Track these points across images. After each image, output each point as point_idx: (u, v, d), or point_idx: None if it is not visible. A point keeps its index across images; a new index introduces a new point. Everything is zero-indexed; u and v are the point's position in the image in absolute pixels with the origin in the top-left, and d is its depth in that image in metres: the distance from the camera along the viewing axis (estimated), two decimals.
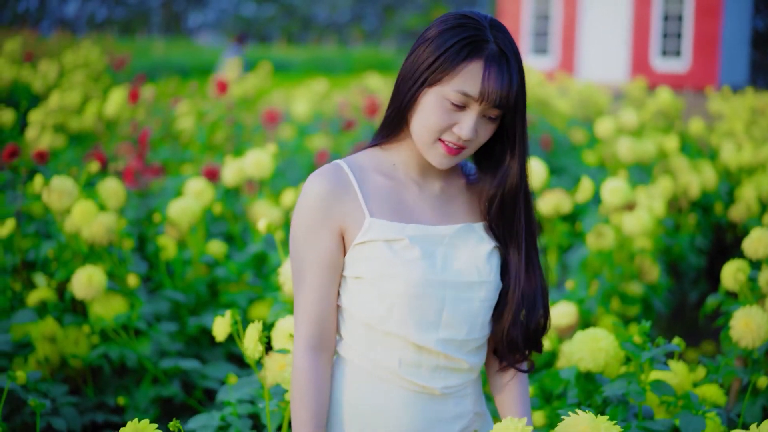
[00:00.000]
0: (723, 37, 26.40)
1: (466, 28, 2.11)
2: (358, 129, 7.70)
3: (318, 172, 2.19)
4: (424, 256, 2.15)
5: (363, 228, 2.15)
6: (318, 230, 2.14)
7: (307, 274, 2.17)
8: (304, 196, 2.17)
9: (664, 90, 9.39)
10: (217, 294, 4.45)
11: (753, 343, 3.33)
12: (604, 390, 2.72)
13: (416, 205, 2.22)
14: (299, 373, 2.16)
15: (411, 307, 2.14)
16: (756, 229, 3.95)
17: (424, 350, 2.17)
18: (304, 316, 2.18)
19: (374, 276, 2.14)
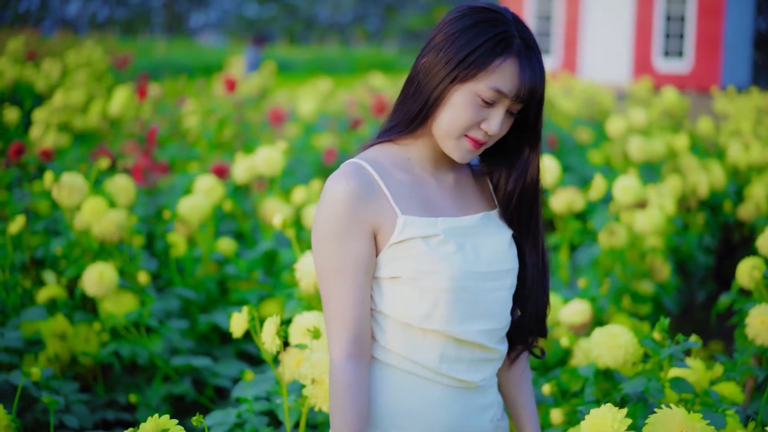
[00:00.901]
0: (725, 38, 26.39)
1: (494, 23, 2.08)
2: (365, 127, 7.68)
3: (340, 173, 2.11)
4: (458, 249, 2.13)
5: (397, 227, 2.10)
6: (350, 233, 2.07)
7: (340, 279, 2.09)
8: (330, 198, 2.09)
9: (670, 90, 9.38)
10: (227, 292, 4.44)
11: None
12: (623, 387, 2.70)
13: (437, 198, 2.20)
14: (340, 385, 2.07)
15: (454, 301, 2.12)
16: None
17: (464, 344, 2.15)
18: (341, 324, 2.10)
19: (413, 274, 2.09)
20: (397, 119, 2.19)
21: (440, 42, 2.11)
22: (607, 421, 1.84)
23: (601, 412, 1.85)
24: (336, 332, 2.10)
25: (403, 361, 2.14)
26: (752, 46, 30.18)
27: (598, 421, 1.85)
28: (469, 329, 2.14)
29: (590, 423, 1.86)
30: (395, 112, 2.21)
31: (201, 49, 33.86)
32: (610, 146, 7.85)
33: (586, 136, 9.36)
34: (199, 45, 38.30)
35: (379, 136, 2.23)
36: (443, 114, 2.10)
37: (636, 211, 4.72)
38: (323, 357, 2.34)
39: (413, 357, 2.13)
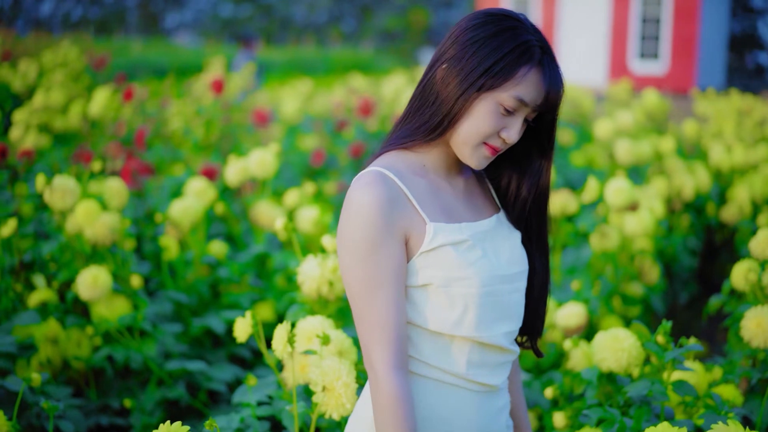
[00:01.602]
0: (700, 40, 26.55)
1: (518, 31, 2.08)
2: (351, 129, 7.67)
3: (365, 182, 2.06)
4: (484, 254, 2.13)
5: (428, 234, 2.07)
6: (385, 241, 2.03)
7: (379, 291, 2.04)
8: (360, 208, 2.03)
9: (651, 92, 9.42)
10: (219, 295, 4.41)
11: (765, 343, 3.32)
12: (627, 390, 2.70)
13: (454, 203, 2.19)
14: (390, 398, 2.01)
15: (483, 307, 2.11)
16: (763, 230, 3.96)
17: (488, 348, 2.15)
18: (384, 336, 2.04)
19: (444, 282, 2.07)
20: (413, 127, 2.16)
21: (462, 50, 2.09)
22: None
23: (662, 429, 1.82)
24: (378, 345, 2.04)
25: (430, 369, 2.13)
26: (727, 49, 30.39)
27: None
28: (494, 333, 2.15)
29: None
30: (410, 120, 2.18)
31: (177, 50, 33.72)
32: (593, 148, 7.87)
33: (568, 138, 9.39)
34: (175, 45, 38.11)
35: (392, 144, 2.20)
36: (465, 122, 2.09)
37: (626, 213, 4.74)
38: (334, 364, 2.33)
39: (441, 365, 2.12)
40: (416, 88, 2.19)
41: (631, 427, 2.61)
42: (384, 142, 2.24)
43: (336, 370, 2.32)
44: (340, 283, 2.91)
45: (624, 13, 26.64)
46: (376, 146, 7.39)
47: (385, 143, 2.23)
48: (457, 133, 2.11)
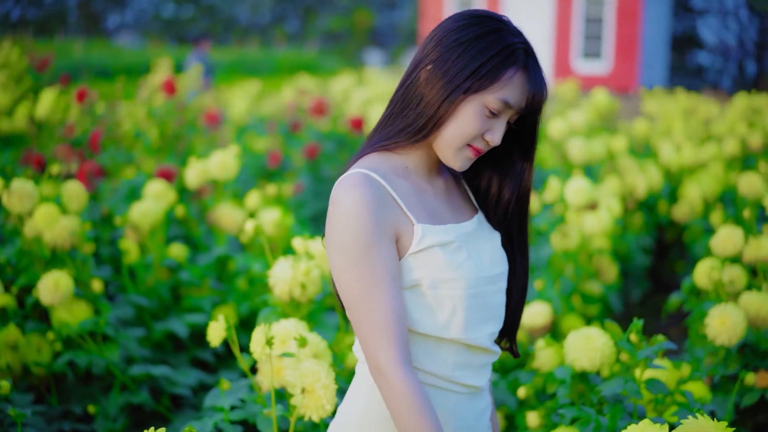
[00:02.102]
0: (643, 40, 26.86)
1: (503, 33, 2.08)
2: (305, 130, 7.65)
3: (351, 184, 2.03)
4: (469, 256, 2.13)
5: (416, 236, 2.06)
6: (378, 241, 2.01)
7: (378, 290, 2.00)
8: (350, 209, 2.00)
9: (600, 91, 9.51)
10: (180, 298, 4.37)
11: (729, 341, 3.36)
12: (601, 389, 2.72)
13: (437, 205, 2.18)
14: (409, 398, 1.97)
15: (470, 308, 2.11)
16: (724, 228, 4.01)
17: (473, 349, 2.15)
18: (388, 335, 2.00)
19: (431, 283, 2.06)
20: (396, 129, 2.14)
21: (447, 52, 2.08)
22: None
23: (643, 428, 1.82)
24: (384, 346, 1.99)
25: (417, 372, 2.11)
26: (669, 48, 30.77)
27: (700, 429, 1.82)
28: (480, 335, 2.14)
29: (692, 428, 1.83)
30: (393, 122, 2.16)
31: (119, 51, 33.36)
32: (543, 148, 7.92)
33: None
34: (117, 46, 37.71)
35: (373, 145, 2.18)
36: (450, 125, 2.08)
37: (585, 213, 4.77)
38: (313, 366, 2.31)
39: (427, 367, 2.11)
40: (397, 90, 2.17)
41: (607, 425, 2.62)
42: (364, 144, 2.22)
43: (315, 372, 2.31)
44: (312, 286, 2.89)
45: (567, 14, 26.86)
46: (331, 147, 7.37)
47: (365, 145, 2.21)
48: (441, 135, 2.10)
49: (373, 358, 2.01)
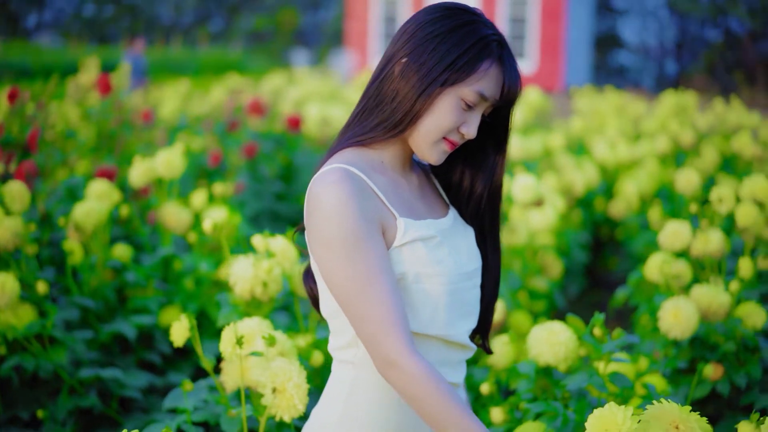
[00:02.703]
0: (566, 40, 27.17)
1: (477, 25, 2.07)
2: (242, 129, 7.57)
3: (333, 179, 1.99)
4: (450, 251, 2.11)
5: (399, 229, 2.04)
6: (367, 233, 1.97)
7: (375, 281, 1.96)
8: (334, 205, 1.97)
9: (533, 89, 9.59)
10: (125, 299, 4.28)
11: (683, 334, 3.40)
12: (566, 383, 2.72)
13: (413, 200, 2.16)
14: (428, 381, 1.91)
15: (451, 305, 2.09)
16: (672, 223, 4.06)
17: (452, 345, 2.13)
18: (392, 324, 1.94)
19: (414, 278, 2.04)
20: (372, 124, 2.11)
21: (422, 44, 2.06)
22: (617, 419, 1.82)
23: (609, 410, 1.84)
24: (391, 336, 1.94)
25: None
26: (592, 48, 31.17)
27: (605, 420, 1.83)
28: (460, 331, 2.13)
29: (597, 422, 1.84)
30: (367, 117, 2.13)
31: (39, 51, 32.75)
32: None
33: None
34: (37, 46, 37.02)
35: (348, 141, 2.15)
36: (427, 118, 2.06)
37: (531, 209, 4.80)
38: (283, 365, 2.27)
39: None
40: (370, 85, 2.14)
41: (575, 419, 2.62)
42: (336, 141, 2.19)
43: (287, 370, 2.27)
44: (274, 284, 2.85)
45: (491, 14, 27.07)
46: (269, 147, 7.31)
47: (338, 141, 2.17)
48: (417, 129, 2.08)
49: (382, 353, 1.95)
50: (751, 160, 8.26)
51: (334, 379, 2.17)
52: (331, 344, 2.18)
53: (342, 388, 2.13)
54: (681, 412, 1.82)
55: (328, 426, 2.14)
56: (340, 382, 2.14)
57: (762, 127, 10.54)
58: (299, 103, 10.37)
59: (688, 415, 1.81)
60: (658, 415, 1.84)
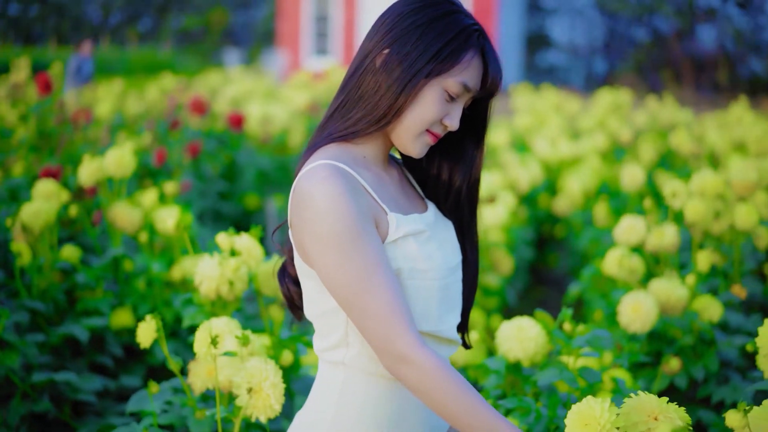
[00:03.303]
0: (498, 39, 27.35)
1: (459, 15, 2.05)
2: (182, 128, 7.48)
3: (324, 176, 1.94)
4: (438, 246, 2.08)
5: (391, 225, 2.00)
6: (365, 228, 1.93)
7: (376, 275, 1.91)
8: (328, 202, 1.92)
9: None
10: (75, 301, 4.19)
11: (642, 328, 3.43)
12: (537, 379, 2.72)
13: (397, 195, 2.13)
14: (441, 374, 1.87)
15: (441, 299, 2.07)
16: (627, 218, 4.08)
17: (442, 341, 2.10)
18: (400, 320, 1.90)
19: (408, 274, 2.00)
20: (355, 118, 2.06)
21: (404, 35, 2.02)
22: (594, 413, 1.83)
23: (586, 405, 1.84)
24: (398, 331, 1.89)
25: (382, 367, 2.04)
26: (523, 47, 31.43)
27: (584, 414, 1.84)
28: (449, 326, 2.10)
29: (576, 417, 1.85)
30: (348, 111, 2.08)
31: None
32: None
33: None
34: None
35: (330, 136, 2.09)
36: (411, 110, 2.03)
37: (484, 205, 4.80)
38: (259, 364, 2.23)
39: None
40: (349, 79, 2.09)
41: (547, 415, 2.62)
42: (315, 137, 2.13)
43: (263, 370, 2.23)
44: (240, 283, 2.80)
45: None
46: (212, 145, 7.23)
47: (318, 137, 2.12)
48: (401, 121, 2.04)
49: (392, 350, 1.90)
50: (688, 156, 8.40)
51: (322, 380, 2.12)
52: (318, 346, 2.12)
53: (333, 389, 2.08)
54: (659, 404, 1.83)
55: (319, 427, 2.09)
56: (330, 384, 2.09)
57: (694, 124, 10.73)
58: (236, 101, 10.29)
59: (666, 406, 1.83)
60: (636, 406, 1.85)
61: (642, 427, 1.82)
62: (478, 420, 1.85)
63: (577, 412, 1.84)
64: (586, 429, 1.81)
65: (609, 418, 1.80)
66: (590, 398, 1.84)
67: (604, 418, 1.81)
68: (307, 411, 2.13)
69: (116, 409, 3.82)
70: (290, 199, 2.03)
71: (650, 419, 1.84)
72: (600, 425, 1.81)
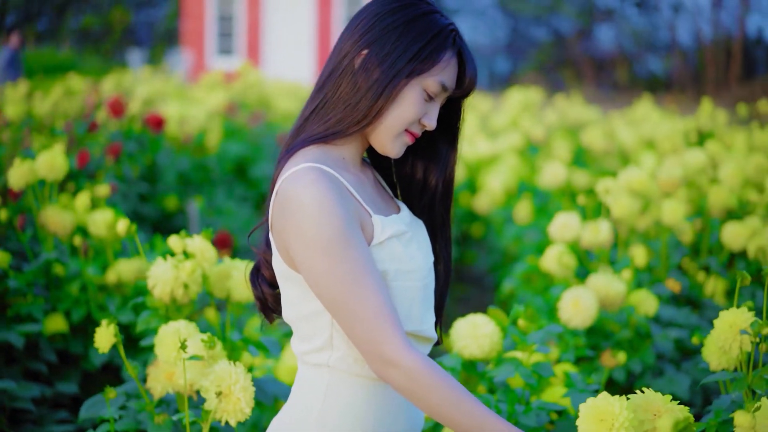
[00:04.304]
0: None
1: (436, 15, 2.07)
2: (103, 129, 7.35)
3: (310, 179, 1.94)
4: (419, 246, 2.09)
5: (376, 227, 2.01)
6: (353, 232, 1.93)
7: (365, 279, 1.92)
8: (316, 204, 1.92)
9: None
10: (6, 307, 4.09)
11: (583, 323, 3.48)
12: (493, 375, 2.75)
13: (375, 196, 2.14)
14: (430, 375, 1.90)
15: (422, 299, 2.08)
16: (560, 215, 4.15)
17: (422, 340, 2.12)
18: (388, 323, 1.91)
19: (394, 275, 2.01)
20: (334, 119, 2.06)
21: (383, 36, 2.03)
22: (613, 409, 1.84)
23: (604, 400, 1.85)
24: (386, 334, 1.90)
25: (366, 368, 2.05)
26: None
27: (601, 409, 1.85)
28: (428, 325, 2.12)
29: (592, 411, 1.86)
30: (326, 114, 2.07)
31: None
32: None
33: None
34: None
35: (308, 139, 2.08)
36: (392, 110, 2.04)
37: None
38: (228, 368, 2.21)
39: None
40: (326, 81, 2.08)
41: (507, 410, 2.65)
42: (293, 139, 2.12)
43: (233, 373, 2.20)
44: (195, 286, 2.77)
45: (327, 16, 27.18)
46: (132, 147, 7.12)
47: (296, 140, 2.11)
48: (381, 121, 2.05)
49: (380, 352, 1.92)
50: (599, 153, 8.57)
51: (305, 382, 2.11)
52: (300, 348, 2.11)
53: (317, 391, 2.07)
54: (663, 401, 1.86)
55: (304, 428, 2.08)
56: (314, 385, 2.08)
57: (602, 122, 10.93)
58: (148, 102, 10.16)
59: (669, 404, 1.85)
60: (642, 405, 1.87)
61: (648, 425, 1.85)
62: (469, 418, 1.88)
63: (592, 406, 1.85)
64: (601, 424, 1.82)
65: (627, 416, 1.82)
66: (606, 394, 1.85)
67: (623, 416, 1.82)
68: (288, 413, 2.12)
69: (54, 416, 3.74)
70: (273, 202, 2.03)
71: (655, 417, 1.86)
72: (618, 422, 1.81)
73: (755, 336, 2.26)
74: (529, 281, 4.56)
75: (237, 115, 9.37)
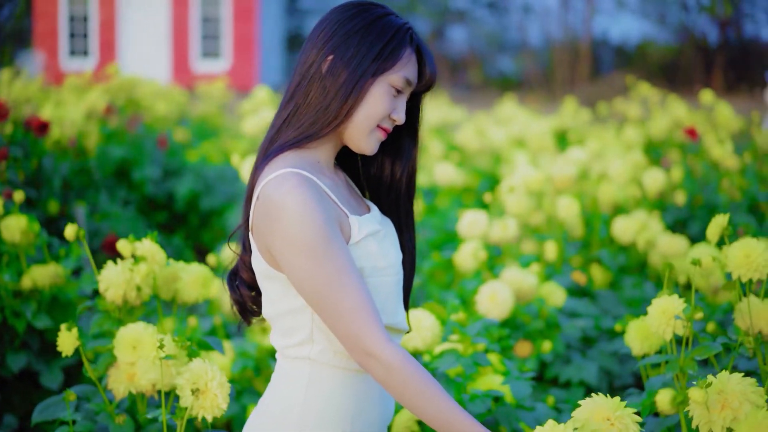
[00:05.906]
0: (259, 40, 27.46)
1: (392, 17, 2.21)
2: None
3: (292, 184, 2.06)
4: (390, 243, 2.22)
5: (353, 227, 2.13)
6: (334, 232, 2.05)
7: (347, 277, 2.03)
8: (299, 212, 2.04)
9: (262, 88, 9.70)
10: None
11: (500, 315, 3.66)
12: (437, 366, 2.88)
13: (349, 197, 2.24)
14: (407, 368, 2.02)
15: (395, 293, 2.21)
16: (468, 212, 4.32)
17: (395, 332, 2.25)
18: (367, 317, 2.02)
19: (371, 272, 2.14)
20: (306, 123, 2.17)
21: (345, 40, 2.16)
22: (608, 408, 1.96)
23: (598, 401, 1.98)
24: (366, 328, 2.02)
25: (346, 360, 2.16)
26: (284, 47, 31.63)
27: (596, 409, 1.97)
28: (400, 318, 2.25)
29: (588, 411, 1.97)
30: (299, 119, 2.18)
31: None
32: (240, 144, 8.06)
33: (182, 136, 9.55)
34: None
35: (283, 145, 2.18)
36: (362, 109, 2.16)
37: None
38: (203, 365, 2.28)
39: None
40: (294, 90, 2.19)
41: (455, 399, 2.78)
42: (268, 146, 2.22)
43: (208, 370, 2.28)
44: (147, 288, 2.82)
45: (184, 14, 26.93)
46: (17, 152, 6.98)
47: (271, 146, 2.20)
48: (352, 120, 2.17)
49: (359, 346, 2.04)
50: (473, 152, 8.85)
51: (285, 374, 2.20)
52: (280, 343, 2.21)
53: (299, 383, 2.17)
54: (613, 407, 1.98)
55: (287, 421, 2.17)
56: (295, 377, 2.18)
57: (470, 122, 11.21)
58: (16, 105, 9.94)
59: (619, 408, 1.98)
60: (593, 411, 1.99)
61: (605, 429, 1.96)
62: (440, 412, 2.01)
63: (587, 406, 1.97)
64: None
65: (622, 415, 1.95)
66: (602, 396, 1.98)
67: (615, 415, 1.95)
68: (268, 405, 2.21)
69: None
70: (254, 206, 2.13)
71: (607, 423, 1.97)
72: None
73: (688, 320, 2.46)
74: (433, 277, 4.72)
75: (114, 117, 9.26)
